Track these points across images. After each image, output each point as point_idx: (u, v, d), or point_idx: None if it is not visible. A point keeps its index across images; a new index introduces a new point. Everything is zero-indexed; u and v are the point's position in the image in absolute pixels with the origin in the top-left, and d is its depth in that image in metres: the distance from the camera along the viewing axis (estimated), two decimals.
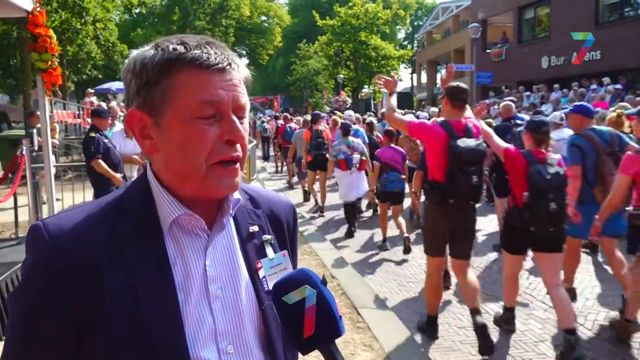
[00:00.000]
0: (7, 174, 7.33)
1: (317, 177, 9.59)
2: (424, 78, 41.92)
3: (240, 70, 0.94)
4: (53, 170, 5.63)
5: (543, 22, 23.21)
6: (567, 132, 5.60)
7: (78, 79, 27.29)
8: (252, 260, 1.01)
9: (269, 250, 1.04)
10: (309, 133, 9.54)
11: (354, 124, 9.66)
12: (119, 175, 5.96)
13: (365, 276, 5.90)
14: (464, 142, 3.77)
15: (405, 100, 34.10)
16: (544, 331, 4.31)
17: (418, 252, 6.11)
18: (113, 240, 0.88)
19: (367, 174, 7.92)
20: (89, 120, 11.15)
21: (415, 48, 50.89)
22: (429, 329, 4.30)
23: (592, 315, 4.61)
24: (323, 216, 9.21)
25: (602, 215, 3.94)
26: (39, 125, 10.31)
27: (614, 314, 4.39)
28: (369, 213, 9.25)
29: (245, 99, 0.93)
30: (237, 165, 0.93)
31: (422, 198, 5.13)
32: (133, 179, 1.00)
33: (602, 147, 4.42)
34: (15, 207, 6.61)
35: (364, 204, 9.39)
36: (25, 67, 13.65)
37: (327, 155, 8.99)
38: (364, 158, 7.70)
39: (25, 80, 14.34)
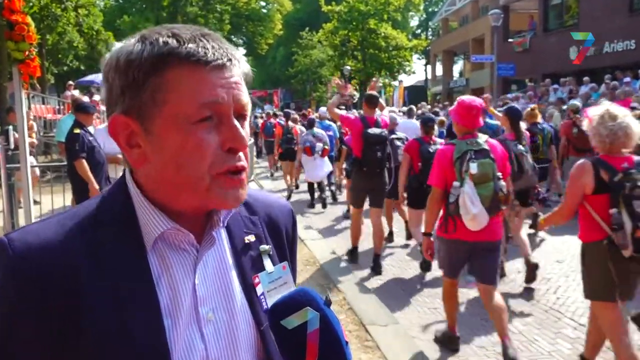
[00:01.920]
0: None
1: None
2: (439, 70, 41.91)
3: (240, 65, 0.90)
4: (30, 171, 5.62)
5: (571, 8, 23.18)
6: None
7: (58, 71, 27.44)
8: (249, 275, 0.98)
9: (267, 263, 1.01)
10: (281, 129, 12.37)
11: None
12: (96, 186, 5.95)
13: (372, 288, 5.87)
14: (373, 130, 6.25)
15: (419, 94, 34.13)
16: (573, 351, 4.28)
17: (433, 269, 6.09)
18: (90, 256, 0.85)
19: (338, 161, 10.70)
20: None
21: (430, 37, 50.90)
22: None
23: None
24: (290, 195, 11.78)
25: None
26: (15, 123, 10.35)
27: None
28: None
29: (246, 97, 0.90)
30: (244, 175, 0.90)
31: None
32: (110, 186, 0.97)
33: None
34: None
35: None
36: (0, 58, 13.71)
37: (295, 148, 11.25)
38: (326, 147, 10.04)
39: (0, 72, 14.40)
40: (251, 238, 1.01)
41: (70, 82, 17.15)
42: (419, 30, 55.56)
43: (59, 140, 9.96)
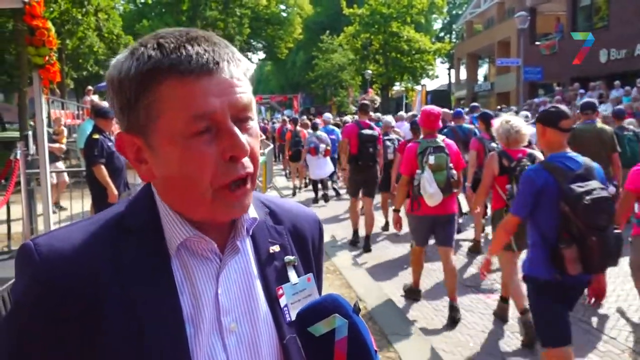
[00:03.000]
0: None
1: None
2: (463, 74, 41.70)
3: (235, 64, 0.87)
4: (49, 177, 5.72)
5: (601, 9, 22.89)
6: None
7: (78, 76, 27.82)
8: (272, 286, 0.97)
9: (292, 274, 1.01)
10: (290, 133, 13.80)
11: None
12: (115, 191, 6.03)
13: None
14: (366, 131, 7.82)
15: (443, 99, 33.94)
16: None
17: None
18: (114, 263, 0.86)
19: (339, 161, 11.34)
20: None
21: (454, 40, 50.67)
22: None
23: None
24: (294, 193, 13.64)
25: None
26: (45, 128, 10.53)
27: None
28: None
29: (247, 98, 0.87)
30: (248, 184, 0.89)
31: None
32: (136, 191, 0.99)
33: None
34: (8, 218, 6.72)
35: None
36: (20, 63, 13.98)
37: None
38: (327, 148, 11.42)
39: (20, 77, 14.66)
40: (276, 248, 1.01)
41: (90, 87, 17.39)
42: (442, 33, 55.33)
43: (80, 147, 10.12)
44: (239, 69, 0.87)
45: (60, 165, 10.57)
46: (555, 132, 3.27)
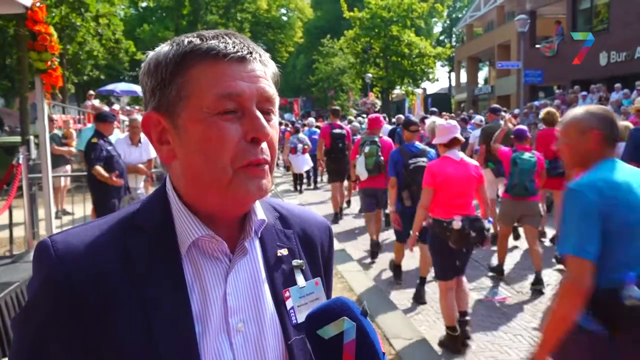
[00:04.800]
0: (2, 185, 7.49)
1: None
2: (463, 77, 41.72)
3: (265, 62, 0.94)
4: (51, 181, 5.73)
5: (601, 12, 22.92)
6: None
7: (78, 80, 27.88)
8: (279, 288, 0.99)
9: (299, 278, 1.03)
10: (289, 135, 16.24)
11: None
12: (115, 180, 6.10)
13: (395, 301, 5.86)
14: (336, 131, 10.43)
15: (443, 102, 33.96)
16: None
17: None
18: (127, 261, 0.88)
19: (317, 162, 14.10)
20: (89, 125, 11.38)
21: (454, 43, 50.70)
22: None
23: None
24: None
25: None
26: (55, 131, 10.61)
27: None
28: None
29: (272, 91, 0.93)
30: (266, 167, 0.92)
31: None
32: (137, 195, 1.01)
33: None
34: (10, 222, 6.74)
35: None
36: (22, 68, 13.99)
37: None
38: (305, 147, 13.66)
39: (21, 81, 14.69)
40: (284, 252, 1.03)
41: (91, 92, 17.43)
42: (442, 36, 55.39)
43: (79, 149, 10.19)
44: (268, 69, 0.95)
45: (69, 168, 10.63)
46: (408, 133, 6.41)
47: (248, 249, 0.97)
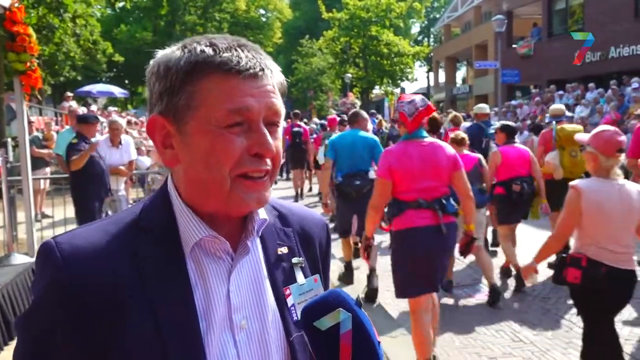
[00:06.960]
0: None
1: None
2: (441, 77, 42.02)
3: (274, 74, 0.95)
4: (31, 184, 5.66)
5: (576, 13, 23.28)
6: None
7: (55, 82, 27.51)
8: (280, 286, 1.01)
9: (299, 275, 1.05)
10: None
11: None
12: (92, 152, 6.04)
13: (379, 296, 5.89)
14: (295, 129, 13.20)
15: None
16: None
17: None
18: (132, 262, 0.89)
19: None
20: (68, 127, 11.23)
21: (432, 43, 51.06)
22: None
23: None
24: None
25: None
26: (35, 133, 10.45)
27: None
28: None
29: (280, 105, 0.94)
30: (266, 178, 0.93)
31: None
32: (119, 197, 1.01)
33: None
34: None
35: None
36: None
37: None
38: None
39: None
40: (284, 250, 1.05)
41: (69, 93, 17.23)
42: (420, 37, 55.69)
43: (57, 153, 10.06)
44: (276, 80, 0.96)
45: (49, 171, 10.48)
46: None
47: (250, 247, 0.99)
